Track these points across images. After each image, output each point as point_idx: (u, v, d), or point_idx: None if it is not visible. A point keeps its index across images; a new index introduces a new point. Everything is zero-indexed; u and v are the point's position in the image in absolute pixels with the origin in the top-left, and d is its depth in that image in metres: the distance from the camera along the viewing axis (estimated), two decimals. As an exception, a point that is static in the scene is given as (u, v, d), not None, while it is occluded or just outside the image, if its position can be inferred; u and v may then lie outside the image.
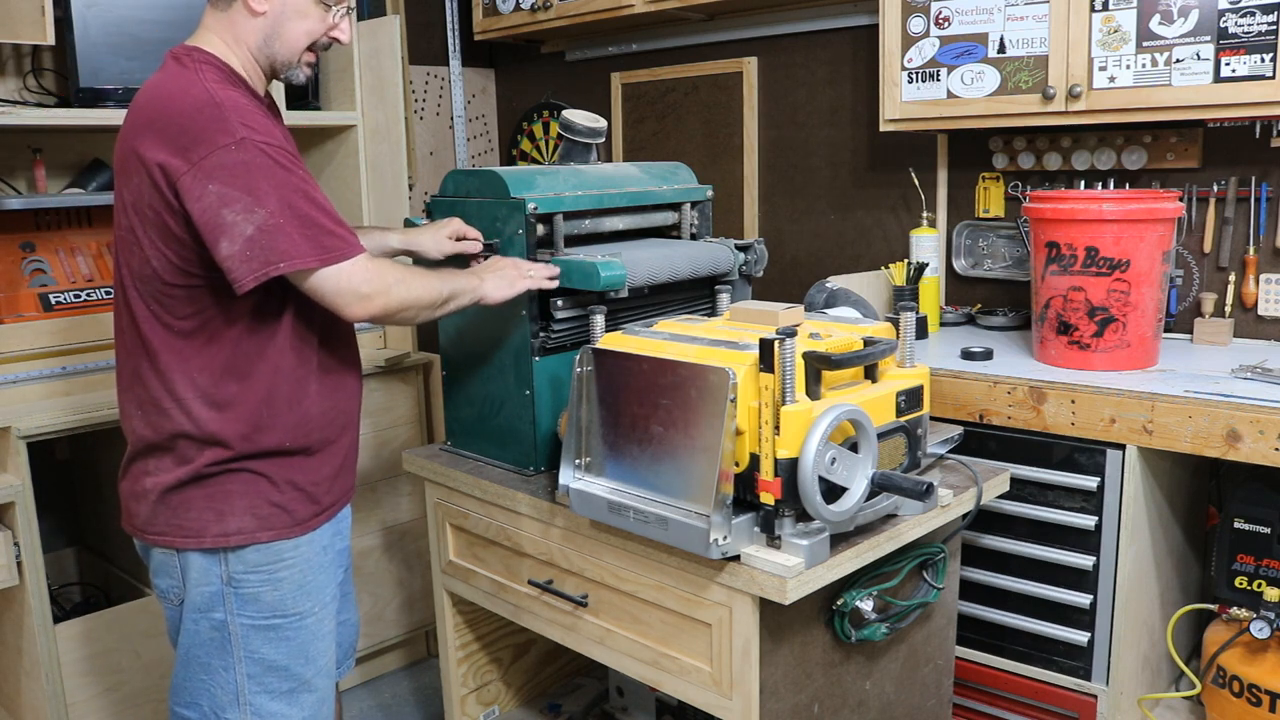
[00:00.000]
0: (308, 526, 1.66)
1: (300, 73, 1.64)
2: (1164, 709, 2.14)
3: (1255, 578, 1.97)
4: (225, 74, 1.56)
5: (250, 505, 1.60)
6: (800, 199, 3.04)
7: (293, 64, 1.63)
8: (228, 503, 1.59)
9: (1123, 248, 2.02)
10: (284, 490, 1.63)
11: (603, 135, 2.07)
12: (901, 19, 2.41)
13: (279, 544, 1.63)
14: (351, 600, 1.92)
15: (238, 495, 1.59)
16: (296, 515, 1.65)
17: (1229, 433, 1.78)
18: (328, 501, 1.70)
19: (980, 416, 2.06)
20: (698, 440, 1.50)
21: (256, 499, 1.60)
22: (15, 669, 2.32)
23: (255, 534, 1.60)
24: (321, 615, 1.70)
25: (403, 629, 2.95)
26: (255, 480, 1.60)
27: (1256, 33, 1.95)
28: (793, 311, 1.66)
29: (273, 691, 1.65)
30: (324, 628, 1.71)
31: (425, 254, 1.94)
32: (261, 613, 1.63)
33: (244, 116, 1.48)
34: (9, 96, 2.52)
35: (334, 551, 1.75)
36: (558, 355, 1.89)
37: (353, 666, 1.96)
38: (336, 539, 1.76)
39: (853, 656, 1.70)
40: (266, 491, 1.61)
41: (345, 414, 1.73)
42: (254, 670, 1.64)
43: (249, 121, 1.47)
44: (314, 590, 1.68)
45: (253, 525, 1.60)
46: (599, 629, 1.78)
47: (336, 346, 1.70)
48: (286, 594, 1.64)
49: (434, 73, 3.57)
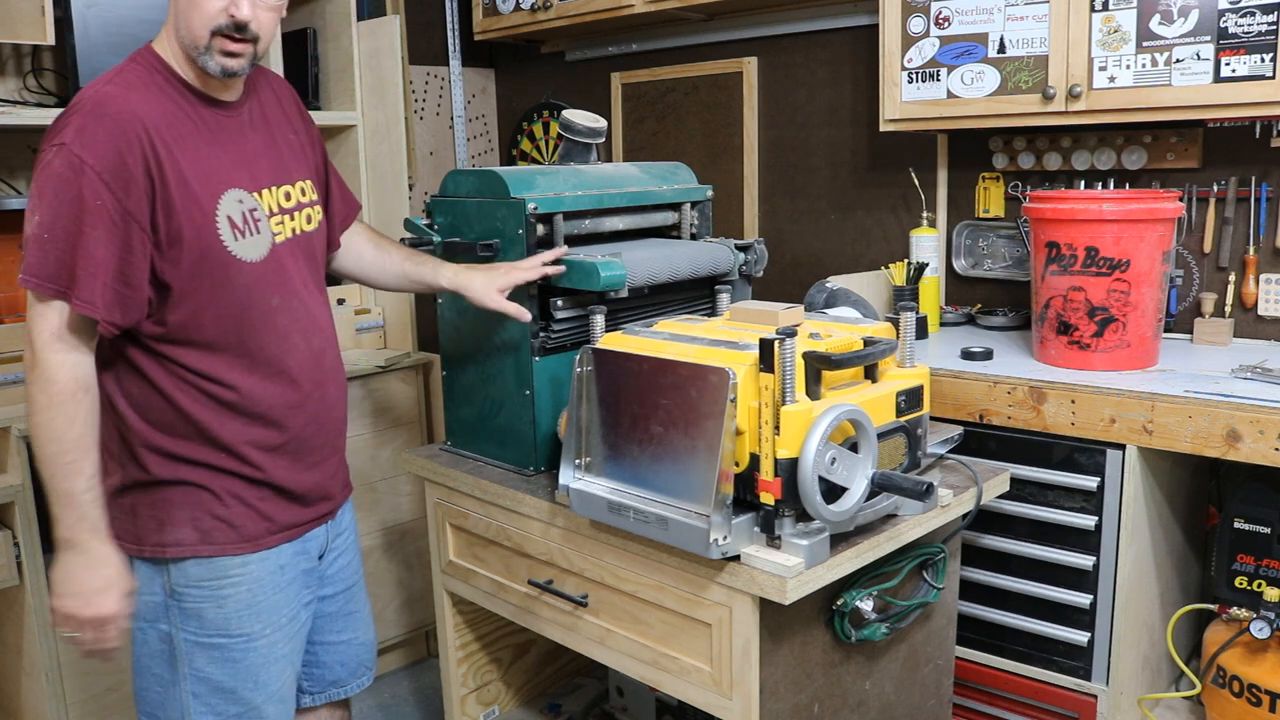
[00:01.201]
0: (259, 545, 1.59)
1: (212, 61, 1.49)
2: (1164, 709, 2.14)
3: (1255, 578, 1.97)
4: (153, 74, 1.50)
5: (191, 517, 1.55)
6: (800, 199, 3.04)
7: (200, 49, 1.49)
8: (168, 512, 1.54)
9: (1123, 248, 2.02)
10: (228, 504, 1.57)
11: (603, 135, 2.07)
12: (901, 19, 2.41)
13: (222, 560, 1.56)
14: (359, 619, 1.86)
15: (177, 505, 1.54)
16: (244, 531, 1.58)
17: (1229, 433, 1.78)
18: (285, 521, 1.63)
19: (980, 416, 2.06)
20: (698, 440, 1.50)
21: (198, 511, 1.55)
22: (15, 669, 2.32)
23: (196, 547, 1.55)
24: (275, 638, 1.62)
25: (403, 629, 2.95)
26: (195, 492, 1.55)
27: (1256, 33, 1.95)
28: (793, 311, 1.66)
29: (220, 714, 1.59)
30: (277, 651, 1.63)
31: (473, 298, 1.81)
32: (205, 630, 1.57)
33: (92, 123, 1.41)
34: (9, 96, 2.52)
35: (296, 571, 1.66)
36: (558, 355, 1.89)
37: (367, 683, 1.91)
38: (301, 558, 1.67)
39: (853, 656, 1.70)
40: (209, 504, 1.55)
41: (285, 432, 1.61)
42: (199, 689, 1.58)
43: (91, 130, 1.40)
44: (265, 611, 1.60)
45: (193, 538, 1.55)
46: (599, 629, 1.78)
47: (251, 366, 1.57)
48: (231, 613, 1.57)
49: (434, 73, 3.57)
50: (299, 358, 1.62)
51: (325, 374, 1.68)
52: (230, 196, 1.53)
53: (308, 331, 1.65)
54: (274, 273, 1.59)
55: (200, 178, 1.50)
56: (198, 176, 1.49)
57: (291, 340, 1.61)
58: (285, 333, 1.60)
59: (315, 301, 1.70)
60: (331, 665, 1.84)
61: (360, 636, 1.87)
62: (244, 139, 1.60)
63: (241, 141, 1.59)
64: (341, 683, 1.86)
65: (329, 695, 1.85)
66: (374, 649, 1.93)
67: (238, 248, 1.53)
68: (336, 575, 1.80)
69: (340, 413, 1.75)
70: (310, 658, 1.80)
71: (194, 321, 1.51)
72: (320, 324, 1.70)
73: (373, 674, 1.92)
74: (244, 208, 1.55)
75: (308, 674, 1.82)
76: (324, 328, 1.71)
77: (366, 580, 2.80)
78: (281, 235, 1.62)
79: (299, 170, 1.69)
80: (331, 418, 1.71)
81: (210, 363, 1.54)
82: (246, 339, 1.56)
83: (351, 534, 1.85)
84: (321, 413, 1.67)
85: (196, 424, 1.54)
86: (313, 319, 1.67)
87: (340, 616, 1.82)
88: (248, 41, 1.51)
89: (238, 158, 1.57)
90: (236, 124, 1.59)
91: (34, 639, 2.19)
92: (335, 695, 1.86)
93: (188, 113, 1.52)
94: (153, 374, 1.52)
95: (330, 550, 1.77)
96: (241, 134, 1.59)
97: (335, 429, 1.73)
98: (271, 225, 1.60)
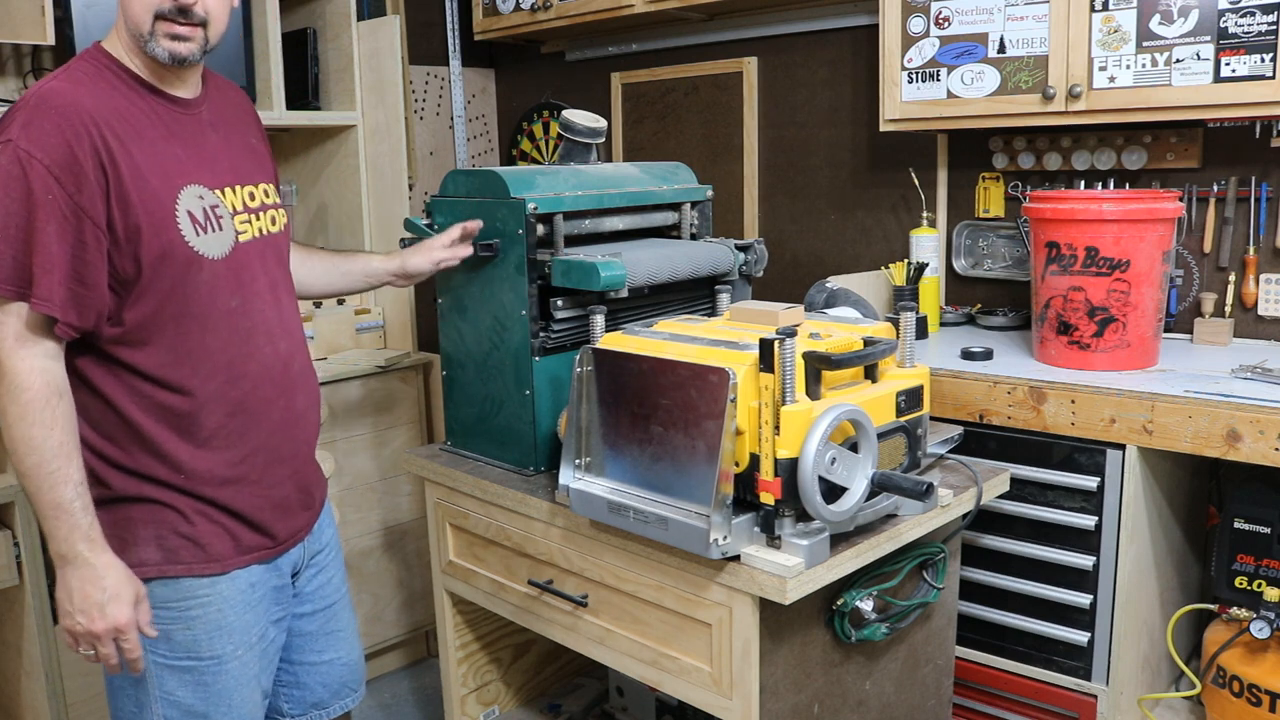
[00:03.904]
0: (227, 565, 1.53)
1: (159, 47, 1.44)
2: (1164, 709, 2.14)
3: (1255, 578, 1.97)
4: (103, 70, 1.46)
5: (155, 535, 1.48)
6: (800, 199, 3.04)
7: (144, 35, 1.44)
8: (131, 531, 1.48)
9: (1123, 248, 2.02)
10: (194, 521, 1.50)
11: (603, 135, 2.07)
12: (901, 19, 2.41)
13: (189, 581, 1.50)
14: (341, 639, 1.80)
15: (140, 523, 1.48)
16: (211, 550, 1.51)
17: (1229, 433, 1.78)
18: (254, 543, 1.56)
19: (980, 416, 2.06)
20: (698, 440, 1.50)
21: (162, 529, 1.49)
22: (15, 669, 2.32)
23: (161, 567, 1.49)
24: (246, 658, 1.56)
25: (403, 629, 2.95)
26: (158, 509, 1.49)
27: (1256, 33, 1.95)
28: (793, 311, 1.66)
29: None
30: (249, 672, 1.57)
31: (421, 273, 1.90)
32: (174, 652, 1.51)
33: (38, 117, 1.36)
34: (9, 96, 2.52)
35: (267, 589, 1.60)
36: (558, 355, 1.89)
37: (353, 705, 1.84)
38: (272, 575, 1.61)
39: (853, 656, 1.70)
40: (174, 522, 1.49)
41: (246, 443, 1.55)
42: (170, 713, 1.53)
43: (38, 124, 1.35)
44: (235, 631, 1.54)
45: (158, 558, 1.49)
46: (599, 629, 1.78)
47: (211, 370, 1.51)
48: (200, 634, 1.51)
49: (434, 73, 3.57)
50: (263, 362, 1.56)
51: (293, 381, 1.62)
52: (190, 192, 1.48)
53: (274, 335, 1.59)
54: (236, 271, 1.53)
55: (157, 171, 1.44)
56: (154, 170, 1.44)
57: (255, 342, 1.55)
58: (248, 334, 1.54)
59: (284, 305, 1.64)
60: (313, 686, 1.77)
61: (343, 656, 1.80)
62: (203, 137, 1.55)
63: (201, 139, 1.54)
64: (324, 704, 1.79)
65: (311, 718, 1.79)
66: (360, 669, 1.85)
67: (199, 243, 1.47)
68: (315, 593, 1.74)
69: (311, 422, 1.68)
70: (290, 678, 1.75)
71: (154, 320, 1.45)
72: (289, 328, 1.64)
73: (360, 695, 1.85)
74: (205, 204, 1.49)
75: (288, 695, 1.76)
76: (293, 332, 1.65)
77: (367, 581, 2.82)
78: (246, 234, 1.56)
79: (260, 175, 1.65)
80: (300, 427, 1.64)
81: (168, 367, 1.47)
82: (208, 339, 1.49)
83: (333, 550, 1.79)
84: (289, 422, 1.61)
85: (150, 440, 1.47)
86: (281, 323, 1.61)
87: (321, 636, 1.76)
88: (195, 25, 1.46)
89: (197, 155, 1.52)
90: (195, 122, 1.54)
91: (34, 639, 2.19)
92: (319, 717, 1.80)
93: (140, 107, 1.47)
94: (105, 387, 1.46)
95: (309, 566, 1.72)
96: (201, 132, 1.55)
97: (305, 440, 1.66)
98: (236, 223, 1.54)
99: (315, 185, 3.08)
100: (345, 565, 1.87)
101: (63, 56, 2.47)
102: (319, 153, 3.05)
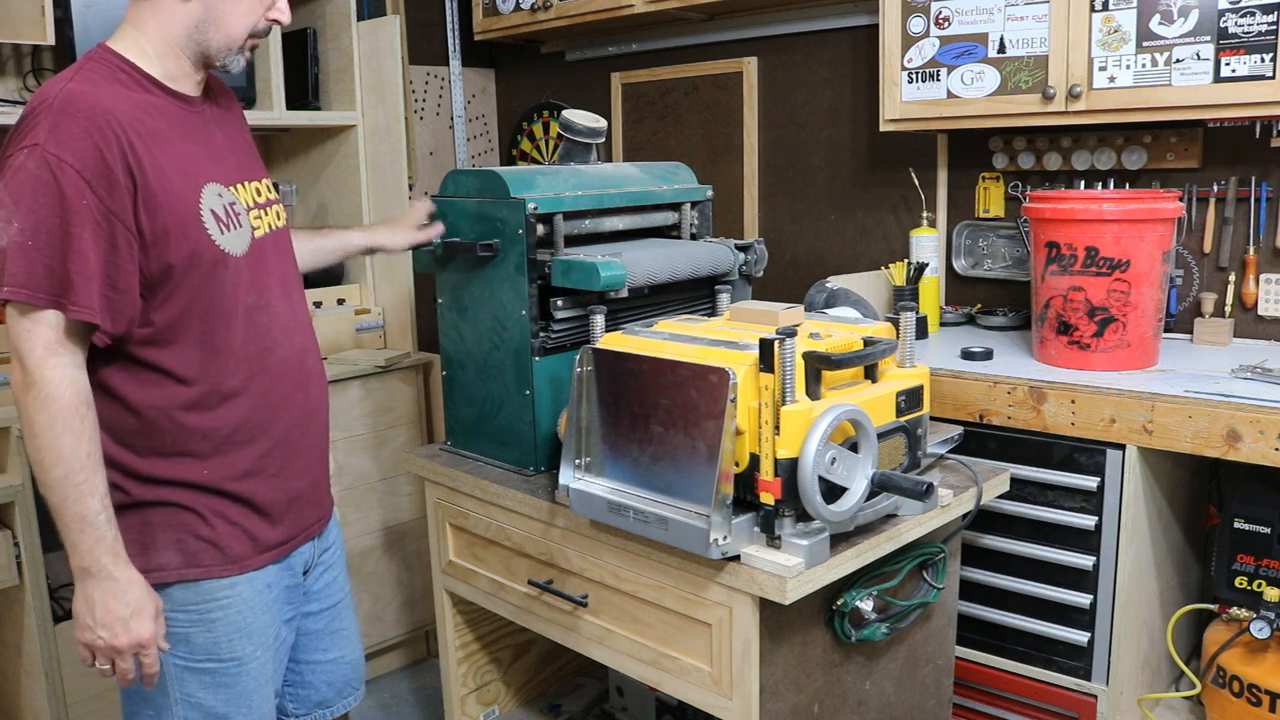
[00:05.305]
0: (245, 566, 1.53)
1: (239, 60, 1.51)
2: (1164, 709, 2.14)
3: (1255, 578, 1.97)
4: (116, 71, 1.44)
5: (175, 539, 1.48)
6: (800, 199, 3.04)
7: (232, 51, 1.49)
8: (150, 536, 1.48)
9: (1123, 248, 2.02)
10: (214, 524, 1.50)
11: (603, 135, 2.07)
12: (901, 19, 2.41)
13: (209, 583, 1.50)
14: (345, 637, 1.81)
15: (160, 528, 1.48)
16: (230, 552, 1.52)
17: (1229, 433, 1.78)
18: (271, 540, 1.57)
19: (980, 416, 2.06)
20: (698, 440, 1.50)
21: (182, 532, 1.48)
22: (15, 669, 2.32)
23: (181, 570, 1.49)
24: (264, 659, 1.57)
25: (403, 629, 2.95)
26: (178, 513, 1.48)
27: (1256, 33, 1.95)
28: (793, 311, 1.66)
29: None
30: (266, 672, 1.58)
31: (392, 249, 2.00)
32: (194, 655, 1.51)
33: (65, 120, 1.34)
34: (9, 96, 2.52)
35: (280, 588, 1.61)
36: (558, 355, 1.89)
37: (355, 704, 1.85)
38: (285, 574, 1.62)
39: (853, 656, 1.70)
40: (193, 524, 1.49)
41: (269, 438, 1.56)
42: (191, 715, 1.52)
43: (65, 127, 1.33)
44: (254, 632, 1.55)
45: (178, 561, 1.48)
46: (599, 629, 1.78)
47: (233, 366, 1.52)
48: (221, 637, 1.52)
49: (434, 73, 3.57)
50: (282, 356, 1.57)
51: (309, 375, 1.63)
52: (210, 190, 1.48)
53: (289, 330, 1.60)
54: (255, 267, 1.54)
55: (179, 171, 1.44)
56: (176, 170, 1.44)
57: (273, 337, 1.56)
58: (266, 329, 1.55)
59: (295, 299, 1.65)
60: (317, 685, 1.78)
61: (347, 655, 1.81)
62: (210, 134, 1.55)
63: (209, 137, 1.55)
64: (328, 703, 1.80)
65: (315, 717, 1.79)
66: (362, 668, 1.86)
67: (224, 241, 1.48)
68: (322, 592, 1.74)
69: (323, 417, 1.69)
70: (295, 677, 1.75)
71: (181, 320, 1.45)
72: (301, 322, 1.65)
73: (360, 694, 1.86)
74: (224, 201, 1.50)
75: (293, 694, 1.77)
76: (305, 326, 1.66)
77: (367, 581, 2.83)
78: (260, 230, 1.57)
79: (260, 170, 1.66)
80: (316, 421, 1.65)
81: (194, 365, 1.47)
82: (232, 336, 1.50)
83: (338, 549, 1.80)
84: (306, 416, 1.62)
85: (171, 440, 1.47)
86: (294, 317, 1.63)
87: (326, 635, 1.76)
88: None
89: (209, 152, 1.53)
90: (201, 119, 1.55)
91: (34, 639, 2.19)
92: (323, 717, 1.80)
93: (157, 108, 1.46)
94: (124, 390, 1.45)
95: (317, 565, 1.72)
96: (207, 129, 1.55)
97: (320, 434, 1.68)
98: (250, 219, 1.56)
99: (315, 185, 3.09)
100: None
101: (62, 56, 2.48)
102: (319, 153, 3.05)
